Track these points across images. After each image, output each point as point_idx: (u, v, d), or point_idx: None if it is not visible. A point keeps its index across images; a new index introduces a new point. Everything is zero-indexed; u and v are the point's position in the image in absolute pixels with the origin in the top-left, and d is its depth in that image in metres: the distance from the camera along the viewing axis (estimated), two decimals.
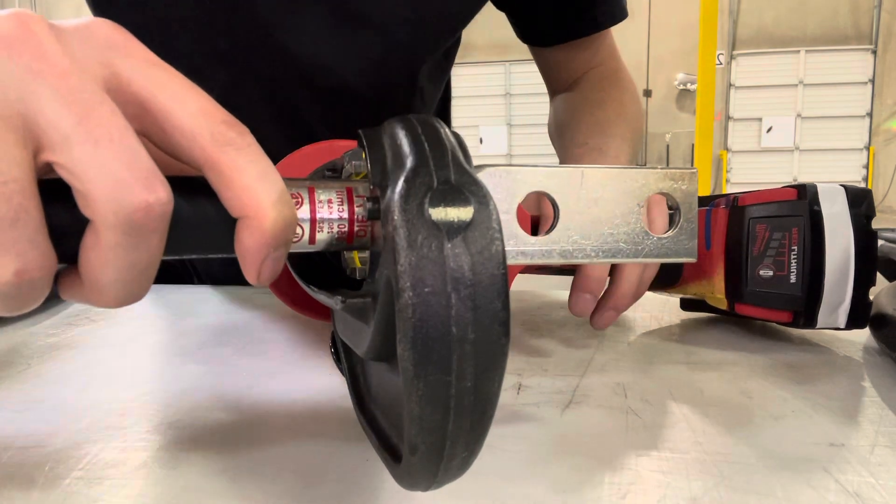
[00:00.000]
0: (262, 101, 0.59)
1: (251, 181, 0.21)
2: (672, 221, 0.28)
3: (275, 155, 0.22)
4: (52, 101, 0.19)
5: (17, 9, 0.21)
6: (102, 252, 0.20)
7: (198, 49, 0.56)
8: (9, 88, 0.19)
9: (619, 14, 0.71)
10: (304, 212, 0.23)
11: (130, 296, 0.21)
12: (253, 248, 0.21)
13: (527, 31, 0.72)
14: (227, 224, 0.21)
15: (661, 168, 0.28)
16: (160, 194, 0.20)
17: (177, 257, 0.22)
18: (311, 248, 0.24)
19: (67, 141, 0.19)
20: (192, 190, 0.22)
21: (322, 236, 0.23)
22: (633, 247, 0.27)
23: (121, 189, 0.19)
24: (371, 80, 0.61)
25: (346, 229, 0.23)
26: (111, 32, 0.21)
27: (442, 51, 0.66)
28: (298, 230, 0.23)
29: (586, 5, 0.68)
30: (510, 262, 0.26)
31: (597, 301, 0.43)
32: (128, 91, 0.21)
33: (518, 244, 0.26)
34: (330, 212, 0.23)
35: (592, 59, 0.72)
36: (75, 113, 0.19)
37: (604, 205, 0.27)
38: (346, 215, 0.23)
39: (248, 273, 0.22)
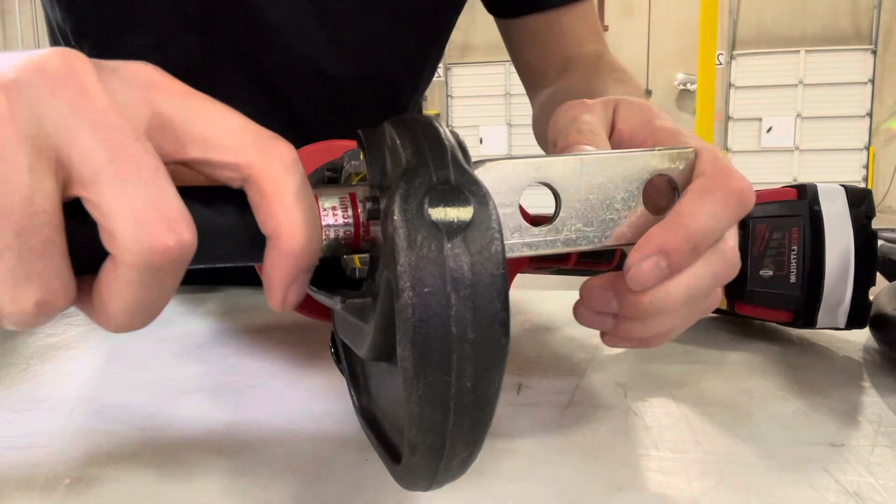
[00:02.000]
0: (240, 73, 0.58)
1: (291, 201, 0.21)
2: (671, 201, 0.28)
3: None
4: (86, 137, 0.19)
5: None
6: (117, 285, 0.20)
7: (165, 14, 0.55)
8: (48, 122, 0.19)
9: None
10: None
11: (135, 326, 0.21)
12: (282, 270, 0.21)
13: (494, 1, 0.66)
14: (248, 237, 0.22)
15: (659, 150, 0.28)
16: (183, 237, 0.20)
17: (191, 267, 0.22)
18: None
19: (97, 177, 0.19)
20: (211, 201, 0.22)
21: (327, 242, 0.23)
22: (634, 230, 0.27)
23: (144, 230, 0.19)
24: (344, 50, 0.59)
25: (350, 234, 0.23)
26: (152, 73, 0.22)
27: (425, 27, 0.63)
28: None
29: None
30: (516, 253, 0.26)
31: (607, 320, 0.30)
32: (169, 126, 0.21)
33: (522, 236, 0.26)
34: (335, 218, 0.23)
35: (570, 43, 0.64)
36: (108, 150, 0.19)
37: (604, 190, 0.27)
38: (350, 220, 0.23)
39: (273, 297, 0.22)
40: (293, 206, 0.21)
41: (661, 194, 0.29)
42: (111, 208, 0.19)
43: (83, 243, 0.20)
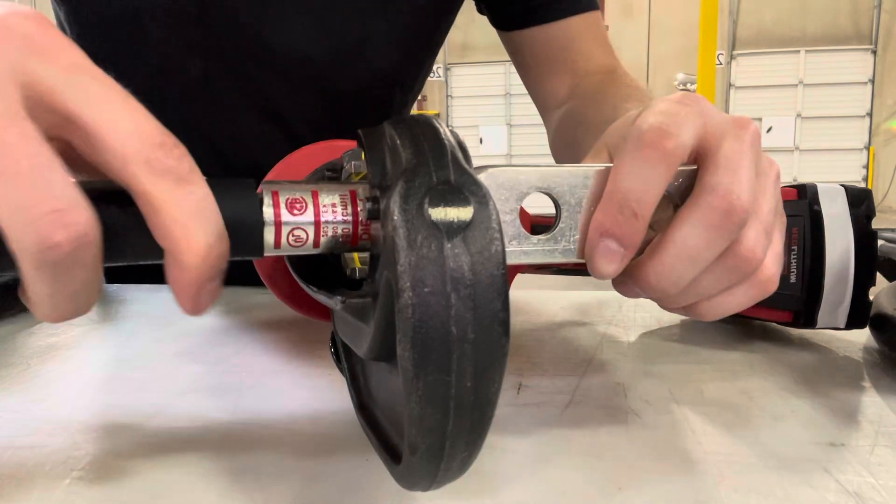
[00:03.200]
0: (237, 92, 0.58)
1: (179, 217, 0.19)
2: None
3: (250, 145, 0.21)
4: None
5: None
6: (26, 280, 0.19)
7: (170, 39, 0.55)
8: None
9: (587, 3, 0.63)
10: (308, 216, 0.23)
11: (66, 315, 0.20)
12: (182, 282, 0.20)
13: (496, 13, 0.66)
14: (152, 239, 0.21)
15: None
16: (74, 230, 0.18)
17: (112, 264, 0.22)
18: (316, 251, 0.24)
19: None
20: (113, 196, 0.20)
21: (326, 239, 0.23)
22: None
23: (29, 227, 0.17)
24: (345, 71, 0.60)
25: (349, 232, 0.23)
26: (32, 30, 0.19)
27: (420, 46, 0.65)
28: (303, 234, 0.23)
29: None
30: (514, 261, 0.26)
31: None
32: (50, 102, 0.18)
33: (521, 244, 0.26)
34: (334, 215, 0.23)
35: (578, 59, 0.63)
36: None
37: None
38: (349, 218, 0.23)
39: (182, 306, 0.21)
40: (182, 222, 0.19)
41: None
42: None
43: None
